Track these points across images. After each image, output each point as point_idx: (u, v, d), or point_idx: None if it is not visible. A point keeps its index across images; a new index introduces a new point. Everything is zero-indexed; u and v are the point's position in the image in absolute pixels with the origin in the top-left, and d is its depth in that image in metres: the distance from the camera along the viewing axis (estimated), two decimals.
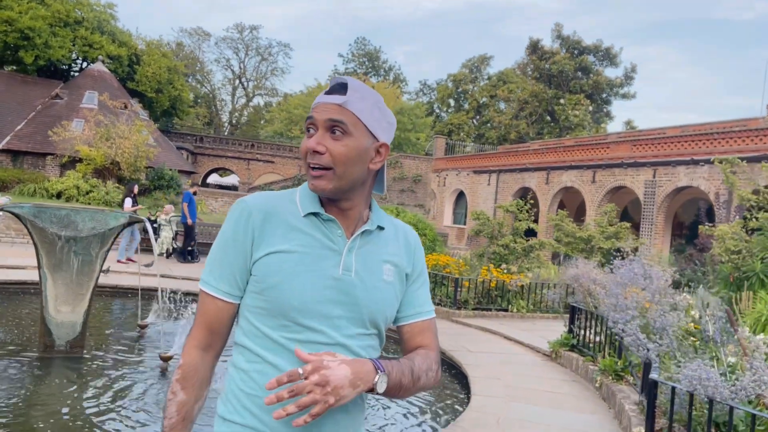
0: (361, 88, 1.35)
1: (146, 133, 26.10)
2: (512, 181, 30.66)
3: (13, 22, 27.94)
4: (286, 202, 1.39)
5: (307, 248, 1.33)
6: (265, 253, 1.32)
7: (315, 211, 1.35)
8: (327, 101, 1.32)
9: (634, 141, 23.95)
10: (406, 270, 1.47)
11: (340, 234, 1.36)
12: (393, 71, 72.57)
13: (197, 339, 1.37)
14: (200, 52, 61.99)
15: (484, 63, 58.72)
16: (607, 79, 37.86)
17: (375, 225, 1.41)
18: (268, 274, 1.31)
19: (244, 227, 1.34)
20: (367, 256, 1.39)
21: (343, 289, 1.33)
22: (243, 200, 1.38)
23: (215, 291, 1.35)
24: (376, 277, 1.39)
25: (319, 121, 1.31)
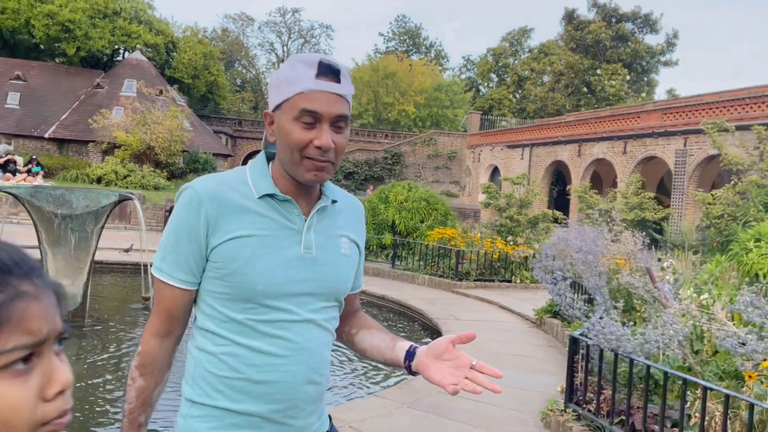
0: (347, 73, 1.35)
1: (181, 118, 26.99)
2: (545, 154, 30.30)
3: (54, 15, 29.21)
4: (237, 184, 1.37)
5: (265, 230, 1.33)
6: (223, 240, 1.31)
7: (270, 192, 1.35)
8: (329, 90, 1.30)
9: (665, 110, 23.31)
10: (359, 242, 1.50)
11: (297, 213, 1.37)
12: (434, 48, 71.97)
13: (155, 327, 1.37)
14: (244, 37, 62.60)
15: (524, 36, 57.55)
16: (646, 46, 36.63)
17: (329, 200, 1.42)
18: (228, 260, 1.31)
19: (196, 214, 1.32)
20: (325, 232, 1.41)
21: (306, 267, 1.35)
22: (191, 186, 1.36)
23: (171, 279, 1.35)
24: (336, 252, 1.41)
25: (326, 115, 1.29)
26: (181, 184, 17.35)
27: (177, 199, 1.37)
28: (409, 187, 15.35)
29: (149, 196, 20.50)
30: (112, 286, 10.06)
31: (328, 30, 79.25)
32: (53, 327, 0.62)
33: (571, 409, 4.23)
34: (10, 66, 30.09)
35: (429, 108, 51.42)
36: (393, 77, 50.43)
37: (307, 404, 1.36)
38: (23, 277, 0.62)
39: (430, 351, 1.34)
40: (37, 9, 29.24)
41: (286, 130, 1.30)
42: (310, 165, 1.30)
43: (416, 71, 52.11)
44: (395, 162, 38.00)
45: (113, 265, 10.72)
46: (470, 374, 1.29)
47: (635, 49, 36.06)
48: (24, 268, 0.63)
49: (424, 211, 14.76)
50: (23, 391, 0.59)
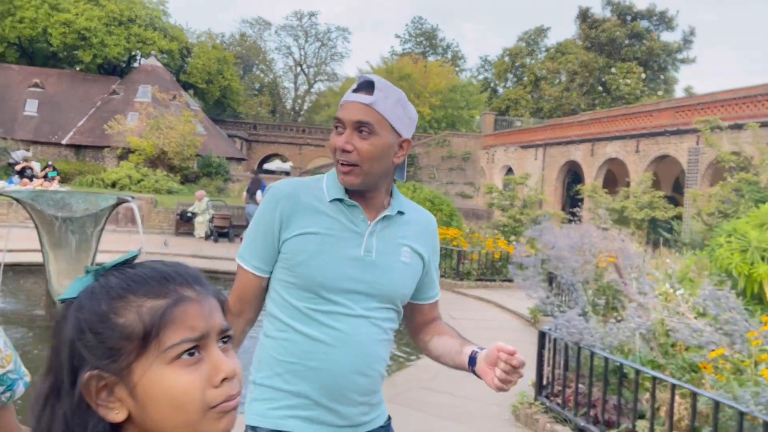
0: (386, 87, 1.47)
1: (195, 123, 27.36)
2: (558, 154, 30.15)
3: (70, 23, 29.83)
4: (313, 188, 1.53)
5: (330, 230, 1.48)
6: (293, 234, 1.47)
7: (339, 197, 1.49)
8: (355, 100, 1.45)
9: (677, 107, 23.09)
10: (424, 253, 1.59)
11: (362, 218, 1.50)
12: (451, 49, 71.92)
13: (230, 305, 1.61)
14: (262, 41, 63.06)
15: (540, 35, 57.21)
16: (662, 44, 36.25)
17: (395, 210, 1.54)
18: (295, 253, 1.47)
19: (273, 211, 1.49)
20: (387, 239, 1.52)
21: (364, 268, 1.47)
22: (274, 186, 1.55)
23: (247, 265, 1.53)
24: (395, 258, 1.52)
25: (347, 122, 1.44)
26: (195, 188, 17.53)
27: (263, 197, 1.57)
28: (413, 188, 15.42)
29: (161, 199, 20.81)
30: None
31: (344, 33, 79.51)
32: (213, 325, 0.74)
33: (540, 401, 4.29)
34: (28, 74, 30.76)
35: (444, 109, 51.40)
36: (408, 79, 50.45)
37: (356, 394, 1.47)
38: (185, 284, 0.74)
39: (486, 359, 1.43)
40: (54, 18, 29.88)
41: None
42: (339, 168, 1.46)
43: (431, 72, 52.13)
44: (409, 164, 38.01)
45: None
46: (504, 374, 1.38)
47: (650, 47, 35.69)
48: (186, 277, 0.76)
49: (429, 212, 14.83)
50: (193, 378, 0.70)
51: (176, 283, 0.74)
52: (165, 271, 0.75)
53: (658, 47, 35.80)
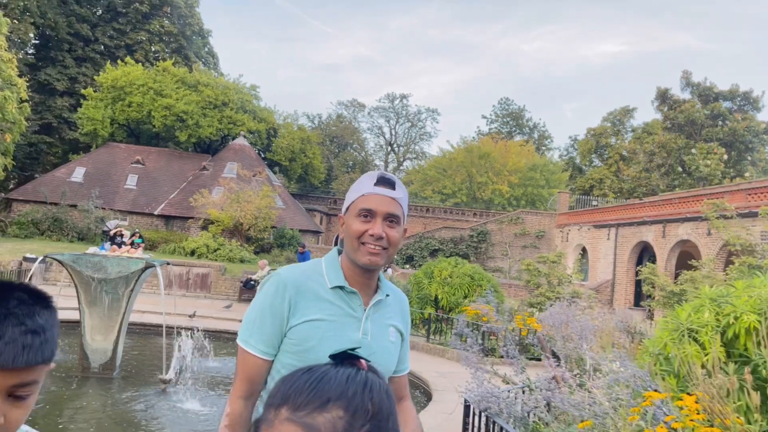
0: (402, 185, 1.69)
1: (273, 197, 29.22)
2: (630, 235, 29.38)
3: (171, 107, 33.26)
4: (314, 274, 1.67)
5: (334, 316, 1.61)
6: (301, 321, 1.59)
7: (340, 285, 1.64)
8: (384, 194, 1.64)
9: (749, 190, 22.17)
10: (403, 330, 1.78)
11: (359, 304, 1.66)
12: (537, 129, 72.56)
13: (240, 390, 1.61)
14: (356, 122, 66.58)
15: (626, 115, 56.83)
16: (746, 125, 35.06)
17: (384, 294, 1.72)
18: (304, 339, 1.57)
19: (281, 297, 1.60)
20: (378, 322, 1.68)
21: (363, 350, 1.83)
22: (278, 274, 1.66)
23: (255, 350, 1.61)
24: (385, 339, 1.68)
25: (380, 213, 1.62)
26: (266, 258, 18.94)
27: (265, 282, 1.67)
28: (455, 263, 15.77)
29: (230, 268, 22.24)
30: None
31: (434, 114, 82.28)
32: None
33: None
34: (133, 152, 34.29)
35: (524, 187, 51.49)
36: (487, 158, 51.29)
37: None
38: (280, 406, 0.77)
39: None
40: (157, 102, 33.46)
41: (349, 224, 1.65)
42: (365, 250, 1.61)
43: (511, 152, 52.71)
44: (481, 240, 38.21)
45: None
46: None
47: (733, 128, 34.58)
48: (283, 398, 0.78)
49: (468, 286, 15.06)
50: None
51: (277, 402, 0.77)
52: (289, 386, 0.78)
53: (741, 128, 34.61)
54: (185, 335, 8.89)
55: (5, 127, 24.75)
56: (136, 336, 11.86)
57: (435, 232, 38.50)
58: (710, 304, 5.65)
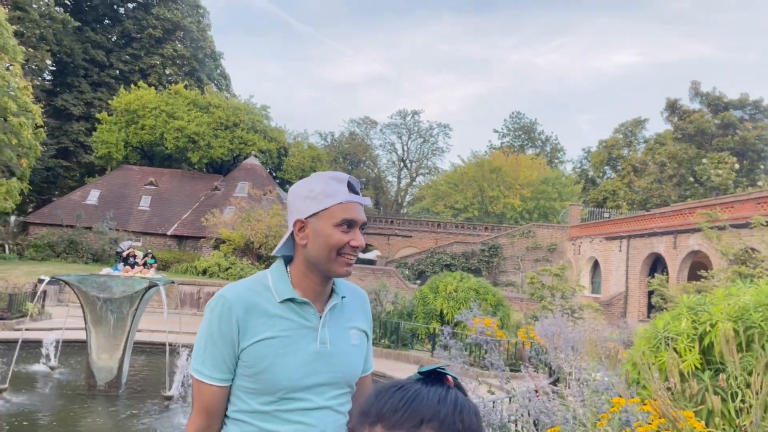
0: None
1: (283, 215, 29.60)
2: (642, 246, 29.24)
3: (183, 129, 33.92)
4: (260, 289, 1.56)
5: (286, 331, 1.52)
6: (252, 342, 1.49)
7: (290, 297, 1.55)
8: (361, 202, 1.59)
9: (758, 198, 22.04)
10: (367, 329, 1.70)
11: (313, 313, 1.57)
12: (550, 142, 72.58)
13: (196, 423, 1.55)
14: (368, 139, 67.14)
15: (638, 126, 56.70)
16: (757, 133, 34.87)
17: (339, 297, 1.63)
18: (256, 360, 1.49)
19: (228, 320, 1.50)
20: (337, 326, 1.60)
21: (323, 361, 1.54)
22: (221, 295, 1.55)
23: (209, 379, 1.52)
24: (346, 343, 1.59)
25: (360, 221, 1.57)
26: None
27: (209, 305, 1.56)
28: (460, 278, 15.84)
29: None
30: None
31: (445, 129, 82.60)
32: None
33: None
34: (146, 174, 34.93)
35: (536, 200, 51.43)
36: (498, 171, 51.36)
37: None
38: (374, 425, 0.77)
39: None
40: (169, 125, 34.14)
41: (326, 234, 1.53)
42: (343, 261, 1.54)
43: (522, 165, 52.73)
44: (493, 254, 38.19)
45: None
46: None
47: (744, 137, 34.41)
48: (375, 416, 0.78)
49: (473, 301, 15.14)
50: None
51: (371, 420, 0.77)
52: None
53: (753, 137, 34.43)
54: (188, 353, 9.09)
55: (21, 152, 25.41)
56: (145, 355, 12.11)
57: (446, 247, 38.57)
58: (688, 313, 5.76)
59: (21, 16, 34.00)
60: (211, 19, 48.65)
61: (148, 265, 26.58)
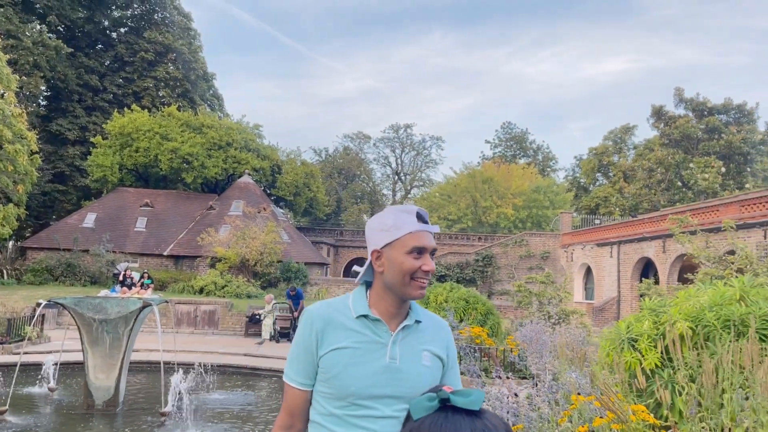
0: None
1: (279, 231, 29.95)
2: (632, 251, 29.66)
3: (176, 150, 34.37)
4: (341, 307, 1.77)
5: (359, 343, 1.70)
6: (328, 350, 1.69)
7: (364, 314, 1.73)
8: (430, 231, 1.75)
9: (743, 201, 22.51)
10: (441, 355, 1.81)
11: (385, 330, 1.73)
12: (541, 151, 73.18)
13: (282, 421, 1.76)
14: (363, 153, 67.66)
15: (627, 133, 57.34)
16: (742, 137, 35.45)
17: (413, 320, 1.78)
18: (330, 367, 1.68)
19: (310, 331, 1.72)
20: (409, 346, 1.74)
21: (390, 374, 1.68)
22: (308, 310, 1.78)
23: (293, 382, 1.74)
24: (417, 363, 1.72)
25: (430, 248, 1.73)
26: (273, 292, 19.64)
27: (301, 320, 1.81)
28: (450, 288, 16.16)
29: (237, 303, 22.82)
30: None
31: (438, 141, 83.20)
32: None
33: None
34: (141, 195, 35.32)
35: (528, 209, 51.89)
36: (490, 182, 51.86)
37: None
38: None
39: None
40: (163, 146, 34.58)
41: (399, 261, 1.72)
42: (416, 285, 1.72)
43: (514, 175, 53.25)
44: (487, 264, 38.56)
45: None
46: None
47: (729, 140, 34.98)
48: None
49: (463, 310, 15.46)
50: None
51: None
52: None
53: (737, 140, 34.99)
54: (182, 370, 9.42)
55: (18, 178, 25.78)
56: (144, 374, 12.40)
57: (441, 258, 38.93)
58: (650, 314, 6.17)
59: (14, 44, 34.52)
60: (202, 40, 49.31)
61: (145, 286, 26.88)
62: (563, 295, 14.01)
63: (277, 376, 13.31)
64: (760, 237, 21.00)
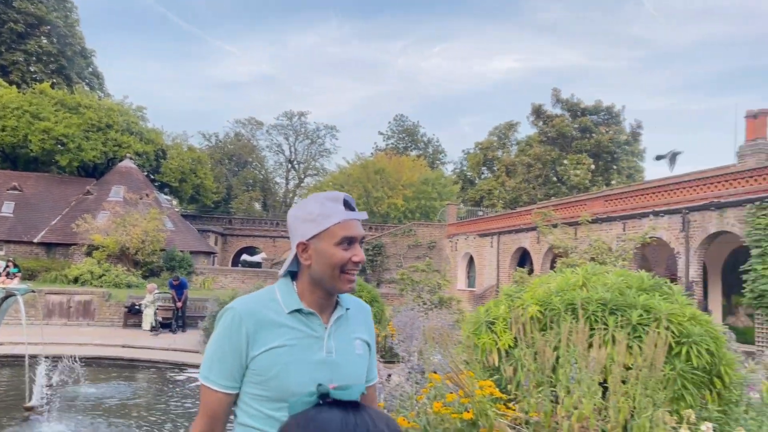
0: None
1: (163, 219, 28.88)
2: (510, 242, 31.46)
3: (49, 131, 32.05)
4: (268, 302, 1.64)
5: (294, 340, 1.59)
6: (261, 351, 1.57)
7: (297, 308, 1.63)
8: (358, 218, 1.65)
9: (606, 197, 24.59)
10: (369, 341, 1.77)
11: (319, 323, 1.64)
12: (431, 144, 75.26)
13: (200, 426, 1.61)
14: (255, 140, 66.22)
15: (511, 129, 60.33)
16: (610, 137, 38.59)
17: (344, 309, 1.70)
18: (266, 368, 1.57)
19: (237, 331, 1.58)
20: (342, 337, 1.67)
21: (329, 368, 1.61)
22: (232, 308, 1.63)
23: (216, 385, 1.60)
24: (351, 353, 1.67)
25: (359, 237, 1.63)
26: (156, 281, 18.88)
27: (220, 317, 1.65)
28: None
29: (115, 293, 21.82)
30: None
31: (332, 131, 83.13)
32: None
33: None
34: (8, 178, 32.65)
35: (418, 200, 53.41)
36: (382, 173, 52.83)
37: None
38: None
39: None
40: (34, 126, 32.12)
41: (329, 253, 1.61)
42: (346, 278, 1.63)
43: (405, 166, 54.56)
44: (377, 253, 39.35)
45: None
46: None
47: (598, 140, 37.91)
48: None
49: None
50: None
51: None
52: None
53: (606, 140, 38.00)
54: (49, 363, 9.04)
55: None
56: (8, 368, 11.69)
57: None
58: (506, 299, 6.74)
59: None
60: (80, 13, 46.05)
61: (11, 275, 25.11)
62: (443, 283, 14.73)
63: (156, 368, 13.00)
64: (619, 229, 23.04)
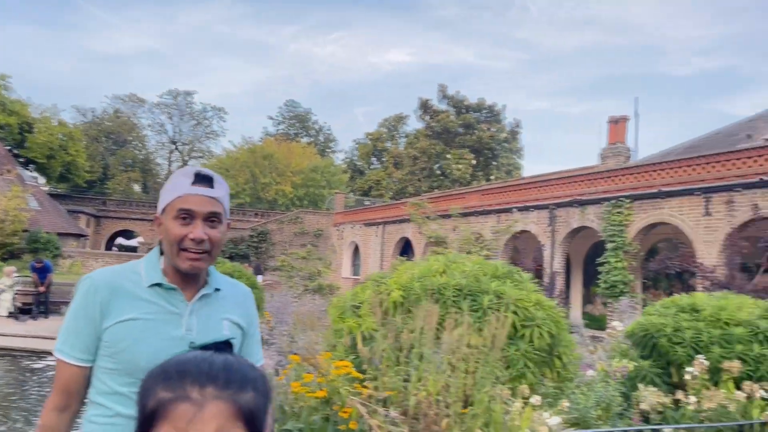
0: (222, 181, 1.61)
1: (26, 197, 26.77)
2: (394, 231, 32.24)
3: None
4: (129, 274, 1.58)
5: (150, 314, 1.53)
6: (114, 323, 1.51)
7: (158, 282, 1.56)
8: (203, 194, 1.54)
9: (483, 191, 25.88)
10: (242, 324, 1.68)
11: (181, 299, 1.57)
12: (323, 132, 74.99)
13: (54, 402, 1.54)
14: (136, 118, 62.83)
15: (400, 122, 61.49)
16: (490, 134, 40.52)
17: (212, 288, 1.63)
18: (117, 340, 1.50)
19: (92, 301, 1.52)
20: (208, 316, 1.60)
21: (185, 347, 1.71)
22: (89, 276, 1.57)
23: (70, 358, 1.53)
24: (216, 333, 1.57)
25: (199, 213, 1.53)
26: (17, 264, 17.43)
27: (77, 287, 1.58)
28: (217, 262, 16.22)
29: None
30: None
31: (220, 112, 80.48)
32: (200, 428, 0.75)
33: None
34: None
35: (306, 188, 53.19)
36: (270, 158, 52.05)
37: None
38: (196, 384, 0.77)
39: None
40: None
41: (167, 228, 1.54)
42: (185, 256, 1.53)
43: (294, 153, 54.11)
44: (262, 240, 38.81)
45: None
46: None
47: (480, 137, 39.67)
48: (202, 378, 0.78)
49: None
50: None
51: (187, 380, 0.78)
52: (186, 366, 0.80)
53: (487, 137, 39.84)
54: None
55: None
56: None
57: None
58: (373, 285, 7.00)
59: None
60: None
61: None
62: (324, 270, 14.90)
63: (12, 356, 12.16)
64: (494, 222, 24.34)
